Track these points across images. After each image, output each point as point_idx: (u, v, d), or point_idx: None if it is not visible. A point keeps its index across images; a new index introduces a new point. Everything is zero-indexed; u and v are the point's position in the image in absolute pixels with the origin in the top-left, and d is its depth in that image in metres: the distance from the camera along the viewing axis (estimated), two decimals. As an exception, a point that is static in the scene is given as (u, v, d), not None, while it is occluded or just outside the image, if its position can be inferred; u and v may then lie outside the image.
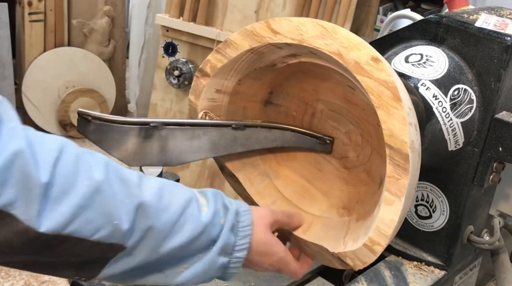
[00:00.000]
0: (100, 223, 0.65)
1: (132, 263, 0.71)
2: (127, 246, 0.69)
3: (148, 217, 0.69)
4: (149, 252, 0.71)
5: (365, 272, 1.11)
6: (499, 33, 1.03)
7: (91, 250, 0.66)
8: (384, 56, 1.12)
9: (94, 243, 0.65)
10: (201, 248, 0.76)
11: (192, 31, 2.22)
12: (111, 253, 0.68)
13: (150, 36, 3.26)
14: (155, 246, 0.71)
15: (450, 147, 1.06)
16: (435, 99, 1.01)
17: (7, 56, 3.10)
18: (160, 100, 2.39)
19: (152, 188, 0.72)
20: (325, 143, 1.05)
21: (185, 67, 2.25)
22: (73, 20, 3.30)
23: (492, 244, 1.17)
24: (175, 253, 0.73)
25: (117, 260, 0.69)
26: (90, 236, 0.65)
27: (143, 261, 0.71)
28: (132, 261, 0.71)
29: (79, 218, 0.63)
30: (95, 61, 3.36)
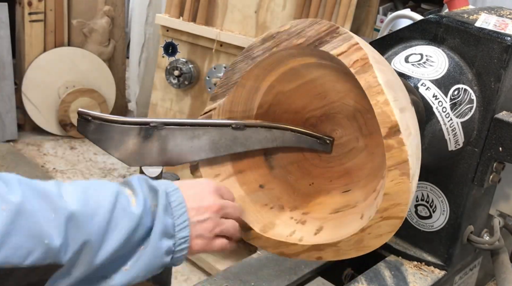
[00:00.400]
0: (29, 246, 0.60)
1: (71, 279, 0.66)
2: (63, 263, 0.64)
3: (79, 227, 0.65)
4: (87, 263, 0.67)
5: (365, 272, 1.11)
6: (499, 33, 1.03)
7: (27, 276, 0.62)
8: (384, 56, 1.12)
9: (28, 269, 0.61)
10: (140, 240, 0.72)
11: (192, 31, 2.22)
12: (47, 274, 0.64)
13: (150, 36, 3.26)
14: (93, 255, 0.67)
15: (450, 147, 1.06)
16: (435, 99, 1.01)
17: (7, 56, 3.10)
18: (160, 100, 2.39)
19: (75, 195, 0.67)
20: (325, 143, 1.05)
21: (185, 67, 2.24)
22: (73, 20, 3.30)
23: (492, 244, 1.17)
24: (115, 254, 0.69)
25: (54, 279, 0.65)
26: (21, 262, 0.60)
27: (83, 273, 0.67)
28: (73, 277, 0.66)
29: (5, 246, 0.59)
30: (95, 61, 3.36)
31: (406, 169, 0.78)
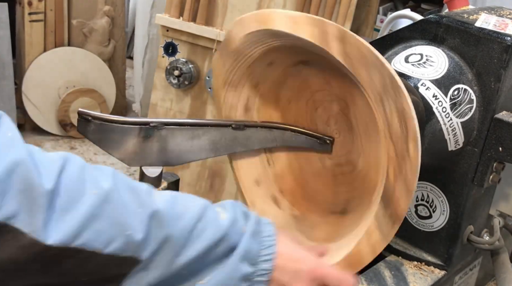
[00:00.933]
0: (112, 234, 0.61)
1: (149, 278, 0.65)
2: (143, 259, 0.64)
3: (163, 226, 0.65)
4: (166, 264, 0.66)
5: (365, 272, 1.11)
6: (499, 33, 1.03)
7: (104, 266, 0.62)
8: (384, 56, 1.12)
9: (107, 257, 0.61)
10: (221, 255, 0.70)
11: (192, 31, 2.22)
12: (126, 269, 0.64)
13: (154, 37, 3.26)
14: (173, 257, 0.66)
15: (450, 147, 1.06)
16: (435, 99, 1.01)
17: (7, 56, 3.10)
18: (160, 100, 2.38)
19: (164, 196, 0.68)
20: (325, 143, 1.05)
21: (185, 67, 2.24)
22: (73, 20, 3.30)
23: (492, 244, 1.17)
24: (194, 263, 0.68)
25: (132, 276, 0.64)
26: (102, 248, 0.60)
27: (161, 275, 0.66)
28: (149, 276, 0.65)
29: (89, 229, 0.59)
30: (95, 61, 3.36)
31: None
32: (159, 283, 0.67)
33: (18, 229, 0.55)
